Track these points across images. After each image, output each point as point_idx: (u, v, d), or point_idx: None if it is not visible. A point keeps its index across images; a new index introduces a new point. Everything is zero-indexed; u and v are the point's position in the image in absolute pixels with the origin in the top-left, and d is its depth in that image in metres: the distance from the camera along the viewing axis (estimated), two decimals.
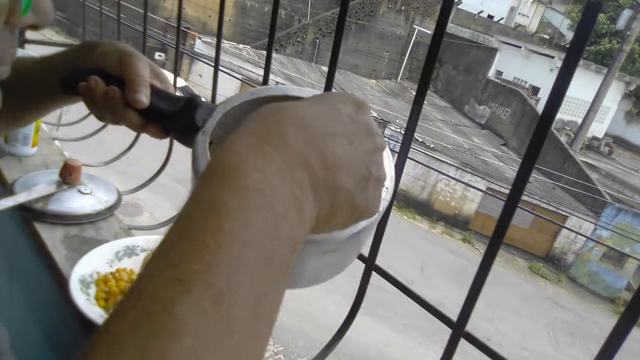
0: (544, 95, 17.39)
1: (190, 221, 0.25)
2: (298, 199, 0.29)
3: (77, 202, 0.96)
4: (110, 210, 1.00)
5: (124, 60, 0.50)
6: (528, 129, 15.64)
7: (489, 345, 0.58)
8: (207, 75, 13.93)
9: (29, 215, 0.91)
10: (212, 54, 13.03)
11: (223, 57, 12.39)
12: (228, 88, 13.57)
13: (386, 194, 0.42)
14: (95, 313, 0.70)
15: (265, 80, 0.93)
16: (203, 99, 0.56)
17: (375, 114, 13.28)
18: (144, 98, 0.50)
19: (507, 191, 0.60)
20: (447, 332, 0.62)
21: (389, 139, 12.54)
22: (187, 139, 0.52)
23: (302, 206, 0.29)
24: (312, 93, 0.54)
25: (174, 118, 0.52)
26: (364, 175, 0.34)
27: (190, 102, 0.54)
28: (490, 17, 24.96)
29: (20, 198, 0.88)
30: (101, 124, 1.52)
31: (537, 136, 0.48)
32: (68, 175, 0.96)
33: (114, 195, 1.03)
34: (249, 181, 0.27)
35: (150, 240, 0.90)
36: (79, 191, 0.97)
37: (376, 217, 0.39)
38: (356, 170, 0.33)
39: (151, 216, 8.15)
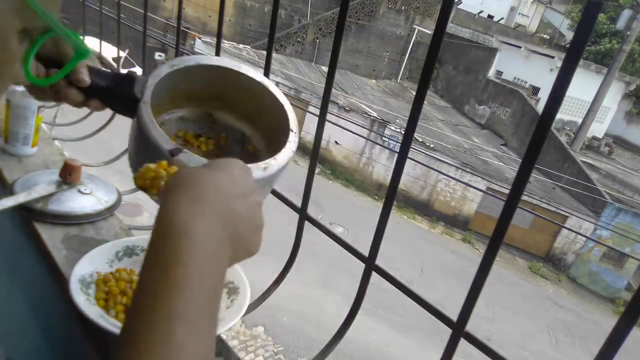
0: (544, 95, 17.39)
1: (160, 272, 0.35)
2: (224, 249, 0.40)
3: (77, 202, 0.96)
4: (110, 210, 1.00)
5: (61, 43, 0.53)
6: (528, 129, 15.64)
7: (489, 345, 0.58)
8: None
9: (29, 215, 0.91)
10: (212, 54, 12.96)
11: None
12: None
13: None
14: (95, 313, 0.70)
15: None
16: (138, 73, 0.61)
17: (375, 114, 13.28)
18: (86, 77, 0.54)
19: (507, 191, 0.60)
20: (447, 332, 0.62)
21: (389, 139, 12.54)
22: (128, 110, 0.61)
23: (226, 255, 0.41)
24: (219, 62, 0.70)
25: (114, 92, 0.56)
26: (256, 225, 0.47)
27: (127, 77, 0.60)
28: (490, 17, 24.96)
29: (20, 198, 0.88)
30: (101, 124, 1.52)
31: (537, 136, 0.48)
32: (68, 175, 0.96)
33: (114, 195, 1.03)
34: (197, 241, 0.37)
35: None
36: (79, 191, 0.97)
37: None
38: (253, 223, 0.46)
39: (151, 216, 8.13)
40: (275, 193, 0.96)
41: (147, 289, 0.35)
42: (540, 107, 15.96)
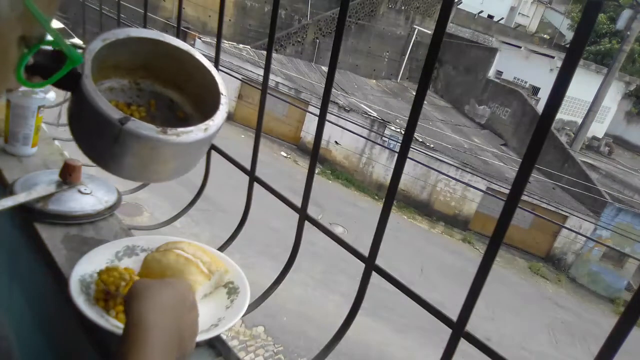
0: (544, 95, 17.39)
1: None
2: (173, 351, 0.53)
3: (77, 202, 0.96)
4: (110, 210, 1.00)
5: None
6: (528, 129, 15.64)
7: (489, 345, 0.58)
8: None
9: (29, 215, 0.91)
10: (212, 54, 12.96)
11: (223, 57, 12.38)
12: (228, 88, 13.53)
13: None
14: (95, 313, 0.70)
15: (265, 80, 0.93)
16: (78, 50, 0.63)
17: (375, 114, 13.28)
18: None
19: (507, 191, 0.60)
20: (447, 332, 0.62)
21: (389, 139, 12.54)
22: (68, 84, 0.65)
23: (173, 355, 0.53)
24: (146, 33, 0.76)
25: (55, 69, 0.57)
26: (194, 333, 0.60)
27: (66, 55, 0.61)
28: (490, 17, 24.97)
29: (20, 198, 0.88)
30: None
31: (537, 136, 0.48)
32: (68, 175, 0.96)
33: (114, 195, 1.03)
34: (156, 344, 0.50)
35: (150, 240, 0.90)
36: (79, 191, 0.97)
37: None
38: (193, 332, 0.60)
39: (151, 216, 8.15)
40: (275, 193, 0.96)
41: None
42: (540, 107, 15.95)
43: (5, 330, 0.53)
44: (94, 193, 0.99)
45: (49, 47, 0.50)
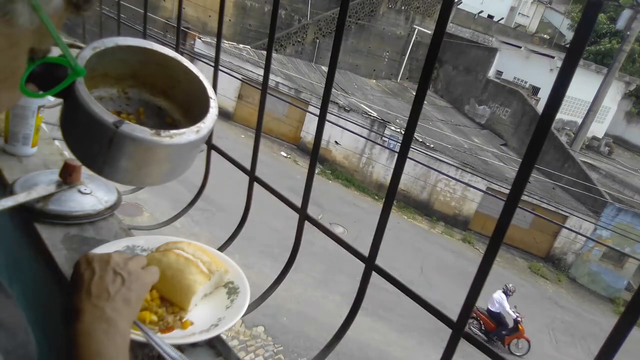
0: (544, 95, 17.39)
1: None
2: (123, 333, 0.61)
3: (77, 202, 0.96)
4: (110, 210, 1.00)
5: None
6: (528, 129, 15.64)
7: (489, 345, 0.59)
8: (207, 75, 13.87)
9: (29, 215, 0.91)
10: (212, 54, 13.01)
11: (223, 57, 12.38)
12: (228, 88, 13.58)
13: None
14: None
15: (265, 80, 0.93)
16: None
17: (375, 114, 13.28)
18: None
19: (507, 191, 0.60)
20: (447, 332, 0.62)
21: (389, 139, 12.54)
22: (64, 92, 0.63)
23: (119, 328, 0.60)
24: (134, 42, 0.78)
25: (49, 77, 0.58)
26: (138, 289, 0.66)
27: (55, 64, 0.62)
28: (490, 17, 24.97)
29: (20, 198, 0.88)
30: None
31: (537, 136, 0.48)
32: (68, 175, 0.96)
33: (114, 195, 1.03)
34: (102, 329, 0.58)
35: (150, 240, 0.90)
36: (79, 191, 0.97)
37: None
38: (136, 293, 0.65)
39: (151, 216, 8.15)
40: (275, 193, 0.96)
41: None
42: (540, 107, 15.96)
43: (31, 336, 0.54)
44: (94, 193, 0.99)
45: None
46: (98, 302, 0.59)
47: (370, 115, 13.09)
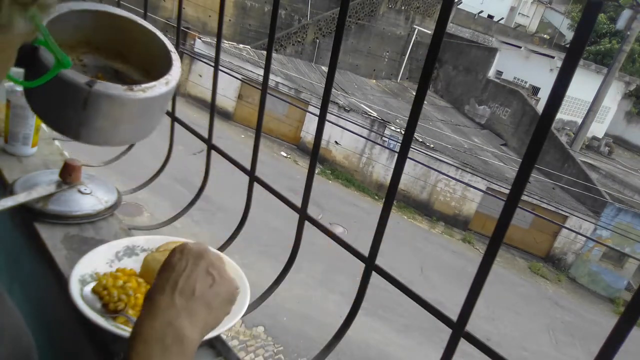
0: (544, 95, 17.39)
1: None
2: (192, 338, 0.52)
3: (77, 202, 0.96)
4: (110, 210, 1.00)
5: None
6: (528, 129, 15.64)
7: (489, 345, 0.58)
8: (207, 75, 13.93)
9: (29, 215, 0.91)
10: (212, 54, 13.00)
11: (223, 57, 12.38)
12: (228, 88, 13.57)
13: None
14: (95, 313, 0.70)
15: (265, 80, 0.93)
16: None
17: (375, 114, 13.28)
18: None
19: (507, 191, 0.60)
20: (447, 332, 0.62)
21: (389, 139, 12.54)
22: (26, 60, 0.66)
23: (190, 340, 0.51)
24: (87, 5, 0.76)
25: (22, 61, 0.58)
26: (222, 305, 0.57)
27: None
28: (490, 17, 24.96)
29: (20, 198, 0.88)
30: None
31: (537, 136, 0.48)
32: (68, 175, 0.96)
33: (114, 195, 1.03)
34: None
35: (150, 240, 0.90)
36: (79, 191, 0.97)
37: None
38: (222, 305, 0.57)
39: (151, 216, 8.15)
40: (275, 193, 0.96)
41: None
42: (540, 107, 15.95)
43: (25, 328, 0.54)
44: (94, 193, 0.99)
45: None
46: (179, 298, 0.52)
47: (370, 115, 13.09)
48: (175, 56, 0.83)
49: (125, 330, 0.67)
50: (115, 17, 0.82)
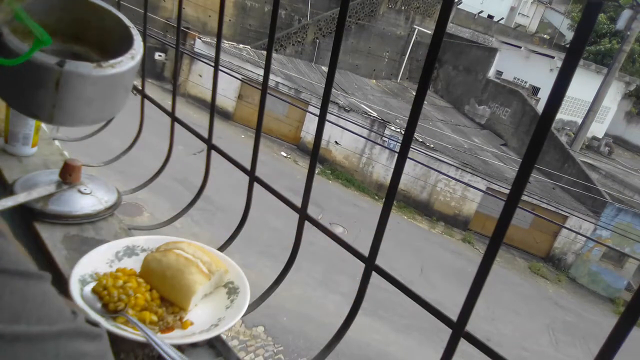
0: (544, 95, 17.39)
1: None
2: None
3: (77, 202, 0.96)
4: (110, 210, 1.00)
5: None
6: (528, 129, 15.63)
7: (489, 345, 0.58)
8: (207, 75, 13.93)
9: (29, 215, 0.91)
10: (212, 54, 13.00)
11: (223, 57, 12.38)
12: (228, 88, 13.57)
13: None
14: (95, 313, 0.70)
15: (265, 80, 0.93)
16: None
17: (375, 114, 13.28)
18: None
19: (507, 191, 0.60)
20: (447, 332, 0.62)
21: (389, 139, 12.54)
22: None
23: None
24: None
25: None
26: None
27: None
28: (490, 17, 24.96)
29: (20, 198, 0.88)
30: (101, 124, 1.52)
31: (537, 136, 0.48)
32: (68, 175, 0.96)
33: (114, 195, 1.03)
34: None
35: (150, 240, 0.90)
36: (79, 191, 0.97)
37: None
38: None
39: (151, 216, 8.15)
40: (275, 193, 0.96)
41: None
42: (540, 107, 15.95)
43: None
44: (94, 193, 0.99)
45: None
46: None
47: (370, 115, 13.09)
48: (134, 31, 0.83)
49: (125, 331, 0.67)
50: (63, 0, 0.82)
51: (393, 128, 12.64)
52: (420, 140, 12.14)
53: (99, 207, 0.97)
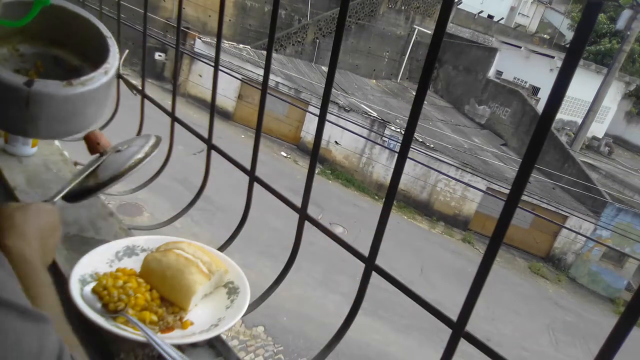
0: (544, 95, 17.39)
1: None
2: (39, 260, 0.67)
3: (123, 158, 0.90)
4: (154, 148, 0.93)
5: None
6: (528, 129, 15.63)
7: (489, 345, 0.58)
8: (207, 75, 13.93)
9: (92, 192, 0.87)
10: (212, 54, 13.00)
11: (223, 57, 12.38)
12: (228, 88, 13.58)
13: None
14: (95, 313, 0.70)
15: (265, 80, 0.93)
16: None
17: (375, 114, 13.28)
18: None
19: (507, 191, 0.60)
20: (447, 332, 0.62)
21: (389, 139, 12.54)
22: None
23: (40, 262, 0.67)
24: None
25: None
26: (53, 243, 0.74)
27: None
28: (490, 17, 24.95)
29: (74, 180, 0.84)
30: (101, 124, 1.52)
31: (537, 136, 0.48)
32: (97, 144, 0.90)
33: (149, 138, 0.96)
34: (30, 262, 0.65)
35: (150, 240, 0.90)
36: (118, 151, 0.92)
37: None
38: (52, 245, 0.74)
39: (151, 216, 8.15)
40: (275, 193, 0.96)
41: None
42: (540, 107, 15.95)
43: None
44: (130, 146, 0.93)
45: None
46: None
47: (370, 115, 13.09)
48: (111, 41, 0.83)
49: (125, 330, 0.67)
50: (46, 6, 0.84)
51: (393, 128, 12.64)
52: (420, 140, 12.14)
53: (143, 151, 0.90)
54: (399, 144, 0.67)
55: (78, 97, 0.74)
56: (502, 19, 26.54)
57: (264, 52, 14.15)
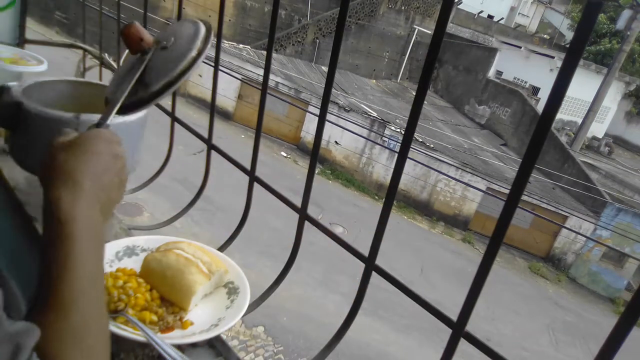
0: (544, 95, 17.39)
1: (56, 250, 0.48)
2: (99, 218, 0.53)
3: (174, 57, 0.74)
4: (207, 42, 0.75)
5: None
6: (528, 129, 15.63)
7: (489, 345, 0.59)
8: (207, 75, 13.92)
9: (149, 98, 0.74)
10: (212, 54, 12.93)
11: (223, 57, 12.38)
12: (228, 88, 13.58)
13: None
14: None
15: (265, 80, 0.93)
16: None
17: (375, 114, 13.28)
18: None
19: (507, 191, 0.60)
20: (447, 332, 0.62)
21: (389, 139, 12.54)
22: (11, 118, 0.86)
23: (100, 220, 0.53)
24: (64, 78, 1.07)
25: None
26: (122, 183, 0.60)
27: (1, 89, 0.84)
28: (490, 17, 24.96)
29: (123, 89, 0.71)
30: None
31: (537, 136, 0.48)
32: (139, 41, 0.73)
33: (194, 29, 0.77)
34: (80, 222, 0.50)
35: (150, 240, 0.90)
36: (163, 48, 0.75)
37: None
38: (120, 184, 0.59)
39: (151, 216, 8.15)
40: (275, 193, 0.96)
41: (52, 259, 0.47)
42: (540, 107, 15.95)
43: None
44: (177, 38, 0.77)
45: None
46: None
47: (370, 115, 13.09)
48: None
49: (125, 330, 0.67)
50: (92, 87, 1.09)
51: (393, 128, 12.64)
52: (420, 140, 12.14)
53: (197, 44, 0.74)
54: (399, 144, 0.67)
55: (121, 126, 0.90)
56: (502, 19, 26.54)
57: (264, 52, 14.15)
